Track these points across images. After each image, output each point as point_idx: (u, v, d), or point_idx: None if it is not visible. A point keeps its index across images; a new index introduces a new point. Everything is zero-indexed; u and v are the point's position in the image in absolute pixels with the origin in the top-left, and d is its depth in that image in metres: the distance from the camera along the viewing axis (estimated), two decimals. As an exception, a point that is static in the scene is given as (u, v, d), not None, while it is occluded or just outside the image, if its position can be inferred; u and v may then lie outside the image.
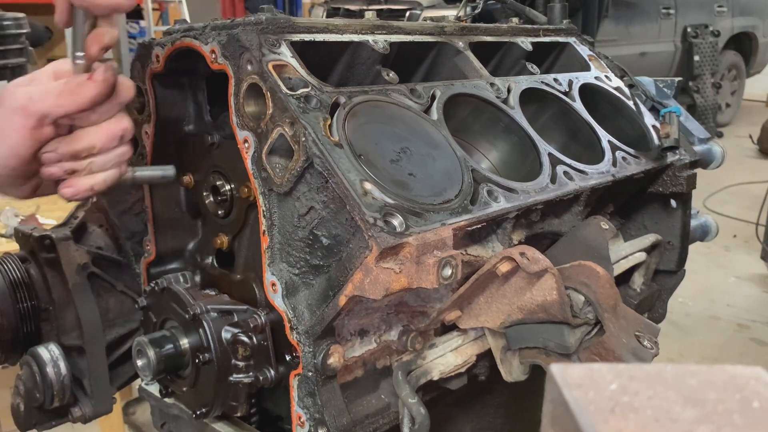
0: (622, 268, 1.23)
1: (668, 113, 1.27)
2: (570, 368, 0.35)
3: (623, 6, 7.26)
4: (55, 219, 2.04)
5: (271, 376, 0.90)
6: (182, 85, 1.07)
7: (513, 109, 1.14)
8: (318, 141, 0.81)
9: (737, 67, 8.89)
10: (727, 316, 3.60)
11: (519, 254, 0.86)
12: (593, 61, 1.44)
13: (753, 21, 8.88)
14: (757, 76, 9.43)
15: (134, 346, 0.95)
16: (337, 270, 0.84)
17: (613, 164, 1.17)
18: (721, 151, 1.45)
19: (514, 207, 0.94)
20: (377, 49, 1.02)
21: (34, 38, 5.25)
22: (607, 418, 0.32)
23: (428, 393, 0.98)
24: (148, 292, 1.02)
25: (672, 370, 0.35)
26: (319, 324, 0.85)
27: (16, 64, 3.36)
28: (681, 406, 0.32)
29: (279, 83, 0.85)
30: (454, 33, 1.21)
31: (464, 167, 0.93)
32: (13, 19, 3.40)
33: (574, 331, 0.92)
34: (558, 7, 1.59)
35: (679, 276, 1.41)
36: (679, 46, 7.95)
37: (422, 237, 0.78)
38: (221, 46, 0.90)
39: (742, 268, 4.23)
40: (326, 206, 0.84)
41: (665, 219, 1.37)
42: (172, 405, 1.05)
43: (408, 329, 0.96)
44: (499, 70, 1.32)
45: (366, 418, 0.92)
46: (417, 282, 0.76)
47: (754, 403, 0.32)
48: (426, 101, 1.01)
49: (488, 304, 0.94)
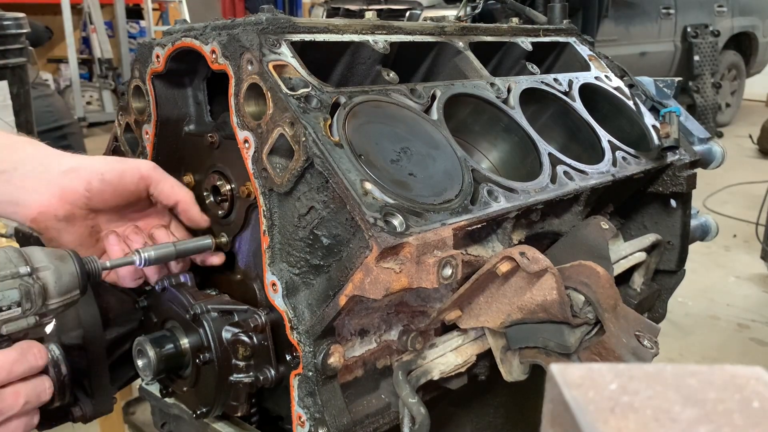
0: (622, 268, 1.23)
1: (668, 113, 1.27)
2: (570, 368, 0.35)
3: (623, 6, 7.26)
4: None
5: (271, 376, 0.90)
6: (182, 85, 1.07)
7: (513, 109, 1.14)
8: (318, 141, 0.82)
9: (737, 67, 8.89)
10: (727, 316, 3.60)
11: (519, 254, 0.87)
12: (593, 61, 1.45)
13: (753, 21, 8.88)
14: (757, 76, 9.42)
15: (135, 345, 0.95)
16: (338, 270, 0.84)
17: (613, 164, 1.17)
18: (721, 151, 1.45)
19: (514, 207, 0.94)
20: (377, 49, 1.02)
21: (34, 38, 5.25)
22: (607, 418, 0.32)
23: (428, 393, 0.98)
24: (149, 292, 1.03)
25: (672, 370, 0.35)
26: (320, 324, 0.85)
27: (16, 64, 3.36)
28: (681, 405, 0.32)
29: (279, 83, 0.86)
30: (454, 33, 1.21)
31: (464, 167, 0.93)
32: (13, 19, 3.39)
33: (574, 331, 0.92)
34: (558, 7, 1.59)
35: (679, 276, 1.41)
36: (679, 46, 7.95)
37: (422, 237, 0.78)
38: (221, 46, 0.90)
39: (742, 268, 4.23)
40: (326, 206, 0.84)
41: (665, 219, 1.38)
42: (172, 405, 1.06)
43: (408, 329, 0.96)
44: (499, 70, 1.32)
45: (366, 418, 0.93)
46: (417, 282, 0.77)
47: (754, 403, 0.32)
48: (426, 101, 1.01)
49: (488, 303, 0.94)
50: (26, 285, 0.78)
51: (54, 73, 8.78)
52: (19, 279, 0.78)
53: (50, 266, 0.81)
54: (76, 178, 0.91)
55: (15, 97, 3.28)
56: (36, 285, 0.79)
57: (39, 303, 0.79)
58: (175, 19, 1.15)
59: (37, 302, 0.79)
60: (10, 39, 3.34)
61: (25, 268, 0.78)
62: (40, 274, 0.80)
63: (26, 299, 0.78)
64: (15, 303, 0.77)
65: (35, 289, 0.79)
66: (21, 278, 0.78)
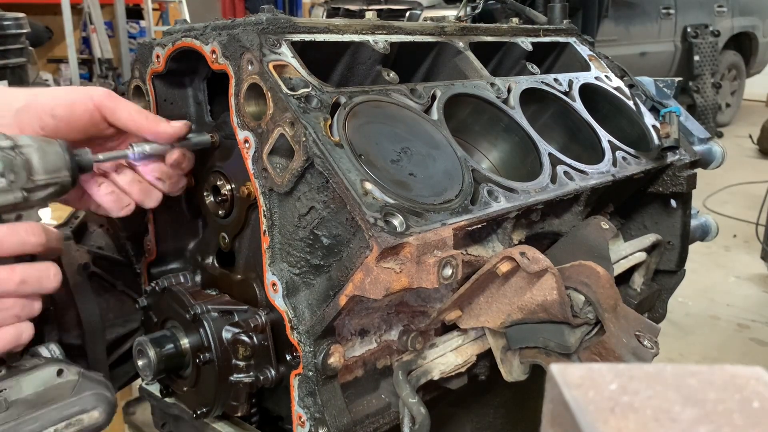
0: (622, 268, 1.23)
1: (668, 113, 1.27)
2: (570, 368, 0.35)
3: (623, 6, 7.26)
4: (55, 219, 2.04)
5: (271, 376, 0.90)
6: (183, 85, 1.07)
7: (513, 109, 1.14)
8: (318, 141, 0.82)
9: (737, 67, 8.89)
10: (727, 316, 3.60)
11: (519, 254, 0.87)
12: (593, 61, 1.45)
13: (753, 21, 8.88)
14: (757, 76, 9.43)
15: (135, 345, 0.95)
16: (338, 270, 0.84)
17: (613, 164, 1.17)
18: (721, 151, 1.45)
19: (514, 207, 0.94)
20: (378, 49, 1.02)
21: (34, 38, 5.25)
22: (607, 418, 0.32)
23: (429, 393, 0.98)
24: (149, 292, 1.03)
25: (672, 370, 0.35)
26: (320, 324, 0.85)
27: (16, 64, 3.36)
28: (681, 405, 0.32)
29: (279, 83, 0.86)
30: (454, 33, 1.21)
31: (465, 167, 0.93)
32: (13, 19, 3.40)
33: (574, 331, 0.92)
34: (558, 7, 1.59)
35: (679, 276, 1.41)
36: (679, 46, 7.95)
37: (423, 237, 0.78)
38: (222, 46, 0.91)
39: (742, 268, 4.23)
40: (327, 206, 0.84)
41: (665, 219, 1.38)
42: (172, 405, 1.06)
43: (408, 329, 0.96)
44: (499, 70, 1.32)
45: (366, 418, 0.93)
46: (417, 282, 0.77)
47: (754, 403, 0.32)
48: (426, 101, 1.01)
49: (488, 303, 0.94)
50: (8, 156, 0.76)
51: (54, 73, 8.78)
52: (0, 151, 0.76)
53: (33, 144, 0.79)
54: (29, 118, 0.86)
55: (15, 97, 3.28)
56: (18, 158, 0.77)
57: (24, 176, 0.77)
58: (175, 19, 1.15)
59: (22, 175, 0.77)
60: (10, 39, 3.34)
61: (6, 142, 0.77)
62: (23, 150, 0.78)
63: (9, 170, 0.76)
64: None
65: (18, 161, 0.77)
66: (2, 150, 0.76)
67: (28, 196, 0.79)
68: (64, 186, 0.83)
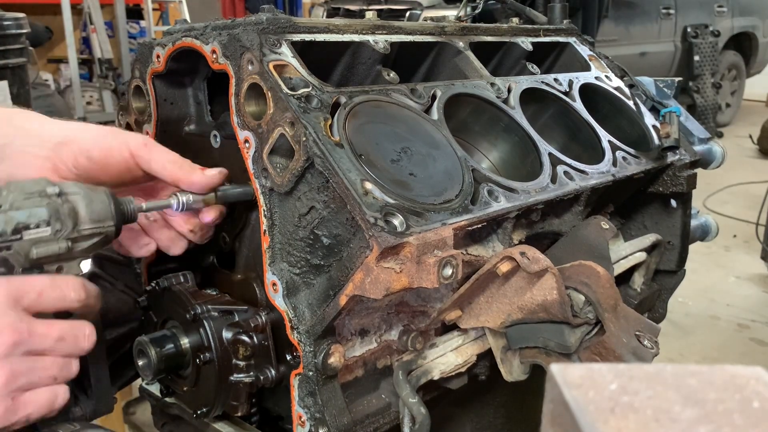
0: (622, 268, 1.23)
1: (668, 113, 1.27)
2: (570, 368, 0.35)
3: (623, 6, 7.26)
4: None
5: (271, 376, 0.90)
6: (183, 84, 1.07)
7: (513, 109, 1.14)
8: (319, 141, 0.82)
9: (737, 67, 8.89)
10: (727, 316, 3.60)
11: (519, 254, 0.87)
12: (593, 61, 1.45)
13: (753, 21, 8.88)
14: (757, 76, 9.43)
15: (135, 345, 0.95)
16: (338, 270, 0.84)
17: (613, 164, 1.17)
18: (721, 151, 1.46)
19: (514, 207, 0.94)
20: (378, 49, 1.02)
21: (34, 38, 5.25)
22: (607, 418, 0.32)
23: (429, 393, 0.98)
24: (149, 292, 1.02)
25: (672, 370, 0.35)
26: (320, 323, 0.85)
27: (16, 64, 3.36)
28: (681, 405, 0.32)
29: (280, 83, 0.86)
30: (454, 33, 1.21)
31: (465, 167, 0.93)
32: (13, 19, 3.40)
33: (574, 331, 0.92)
34: (558, 7, 1.59)
35: (680, 276, 1.41)
36: (679, 46, 7.95)
37: (423, 237, 0.78)
38: (222, 46, 0.91)
39: (742, 268, 4.23)
40: (327, 206, 0.84)
41: (665, 219, 1.38)
42: (172, 405, 1.06)
43: (408, 329, 0.96)
44: (499, 70, 1.32)
45: (366, 418, 0.93)
46: (418, 282, 0.77)
47: (754, 403, 0.32)
48: (426, 101, 1.01)
49: (489, 303, 0.94)
50: (54, 204, 0.73)
51: (54, 73, 8.78)
52: (47, 198, 0.73)
53: (80, 191, 0.76)
54: (66, 155, 0.85)
55: (15, 97, 3.29)
56: (65, 206, 0.74)
57: (69, 225, 0.74)
58: (176, 19, 1.15)
59: (68, 224, 0.74)
60: (10, 39, 3.34)
61: (53, 188, 0.74)
62: (69, 197, 0.75)
63: (55, 219, 0.73)
64: (44, 221, 0.72)
65: (64, 210, 0.73)
66: (48, 197, 0.73)
67: (73, 246, 0.76)
68: (108, 236, 0.80)
